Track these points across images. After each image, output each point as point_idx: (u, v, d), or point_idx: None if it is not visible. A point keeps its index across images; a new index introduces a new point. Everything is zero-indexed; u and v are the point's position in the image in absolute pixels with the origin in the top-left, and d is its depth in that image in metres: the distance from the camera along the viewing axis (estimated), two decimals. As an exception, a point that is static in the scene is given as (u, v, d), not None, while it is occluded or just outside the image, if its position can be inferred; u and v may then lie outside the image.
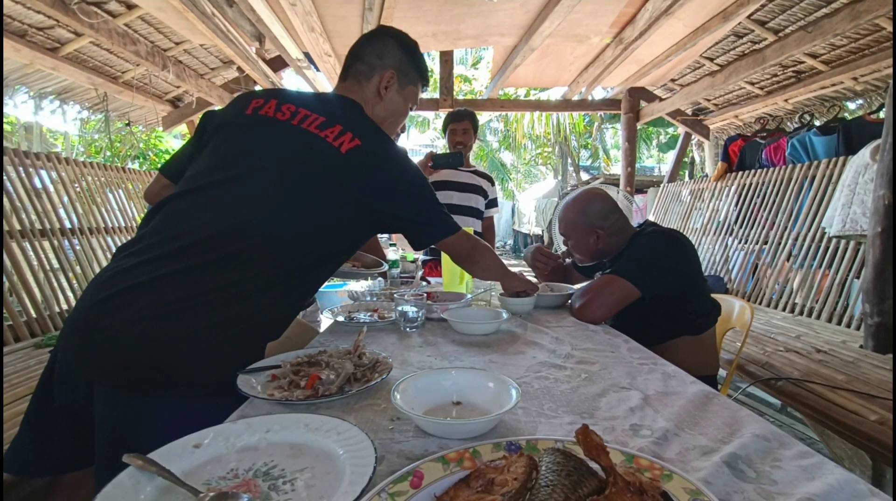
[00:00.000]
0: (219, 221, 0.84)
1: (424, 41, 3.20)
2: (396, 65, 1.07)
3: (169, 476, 0.50)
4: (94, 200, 2.97)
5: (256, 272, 0.85)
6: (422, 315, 1.21)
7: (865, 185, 2.39)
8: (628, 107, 4.51)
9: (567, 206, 1.54)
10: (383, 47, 1.07)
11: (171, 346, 0.77)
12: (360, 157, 0.93)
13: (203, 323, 0.79)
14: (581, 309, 1.32)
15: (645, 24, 2.82)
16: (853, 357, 1.87)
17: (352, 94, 1.05)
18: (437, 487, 0.48)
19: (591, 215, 1.47)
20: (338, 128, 0.94)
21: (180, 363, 0.78)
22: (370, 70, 1.06)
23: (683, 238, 1.39)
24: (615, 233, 1.46)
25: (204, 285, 0.80)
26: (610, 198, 1.52)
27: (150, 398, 0.77)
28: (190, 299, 0.78)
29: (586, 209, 1.48)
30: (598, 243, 1.46)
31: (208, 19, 2.57)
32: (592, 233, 1.46)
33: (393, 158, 0.98)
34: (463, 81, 12.95)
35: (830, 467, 0.53)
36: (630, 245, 1.42)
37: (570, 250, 1.56)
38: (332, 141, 0.93)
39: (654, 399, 0.75)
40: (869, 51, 3.11)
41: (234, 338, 0.83)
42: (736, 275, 3.33)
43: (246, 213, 0.86)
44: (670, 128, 11.97)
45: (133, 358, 0.76)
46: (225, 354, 0.82)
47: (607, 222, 1.46)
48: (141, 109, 4.17)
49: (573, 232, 1.51)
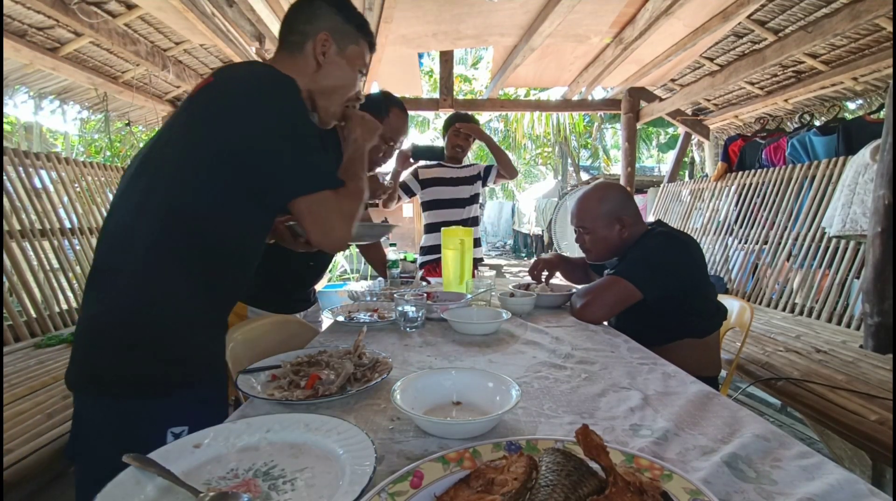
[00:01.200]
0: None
1: (424, 41, 3.20)
2: (330, 26, 0.95)
3: (169, 476, 0.50)
4: (94, 200, 2.97)
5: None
6: (422, 315, 1.21)
7: (865, 185, 2.39)
8: (628, 107, 4.51)
9: (586, 197, 1.47)
10: (312, 11, 0.96)
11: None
12: (207, 93, 0.82)
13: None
14: (582, 309, 1.32)
15: (645, 24, 2.82)
16: (853, 357, 1.87)
17: (283, 69, 0.87)
18: (437, 487, 0.48)
19: (614, 202, 1.41)
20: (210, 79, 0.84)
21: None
22: (302, 38, 0.94)
23: (690, 241, 1.36)
24: (636, 223, 1.42)
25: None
26: (624, 187, 1.48)
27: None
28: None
29: (608, 197, 1.43)
30: (622, 232, 1.40)
31: (208, 19, 2.57)
32: (616, 222, 1.41)
33: (243, 88, 0.81)
34: (463, 80, 12.94)
35: (830, 467, 0.53)
36: (637, 245, 1.39)
37: (587, 246, 1.47)
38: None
39: (654, 399, 0.75)
40: (869, 51, 3.11)
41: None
42: (736, 275, 3.33)
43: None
44: (670, 128, 11.97)
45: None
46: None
47: (630, 210, 1.42)
48: (141, 109, 4.17)
49: (595, 223, 1.42)
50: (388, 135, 1.38)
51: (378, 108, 1.36)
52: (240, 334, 1.10)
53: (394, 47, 3.22)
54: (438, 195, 2.49)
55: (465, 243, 1.63)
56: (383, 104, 1.47)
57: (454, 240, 1.63)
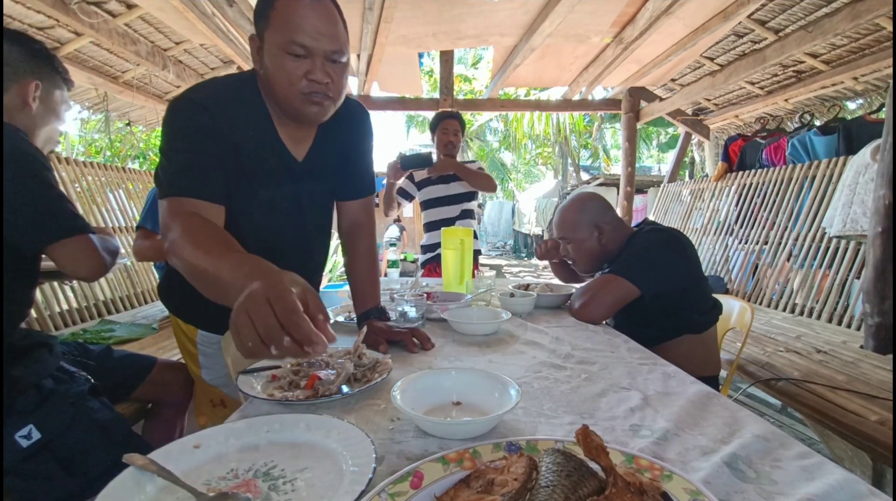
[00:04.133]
0: None
1: (424, 41, 3.20)
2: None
3: (169, 476, 0.50)
4: (94, 200, 2.96)
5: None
6: (422, 315, 1.21)
7: (866, 185, 2.38)
8: (628, 107, 4.51)
9: (565, 208, 1.53)
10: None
11: None
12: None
13: None
14: (580, 309, 1.32)
15: (645, 23, 2.82)
16: (853, 358, 1.87)
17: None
18: (437, 487, 0.48)
19: (591, 211, 1.47)
20: None
21: None
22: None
23: (682, 236, 1.39)
24: (616, 229, 1.46)
25: None
26: (603, 197, 1.54)
27: None
28: None
29: (585, 207, 1.48)
30: (601, 238, 1.45)
31: (208, 19, 2.57)
32: (595, 229, 1.45)
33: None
34: (463, 80, 12.94)
35: (830, 467, 0.53)
36: (629, 244, 1.41)
37: (572, 255, 1.53)
38: None
39: (654, 399, 0.75)
40: (869, 51, 3.11)
41: None
42: (736, 275, 3.33)
43: None
44: (670, 128, 11.97)
45: None
46: None
47: (607, 217, 1.46)
48: (141, 108, 4.17)
49: (575, 232, 1.49)
50: (289, 37, 0.90)
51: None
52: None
53: (394, 47, 3.22)
54: (434, 194, 2.51)
55: (465, 243, 1.63)
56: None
57: (454, 240, 1.63)
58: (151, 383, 1.34)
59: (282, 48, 0.84)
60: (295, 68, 0.85)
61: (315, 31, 0.83)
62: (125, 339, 1.96)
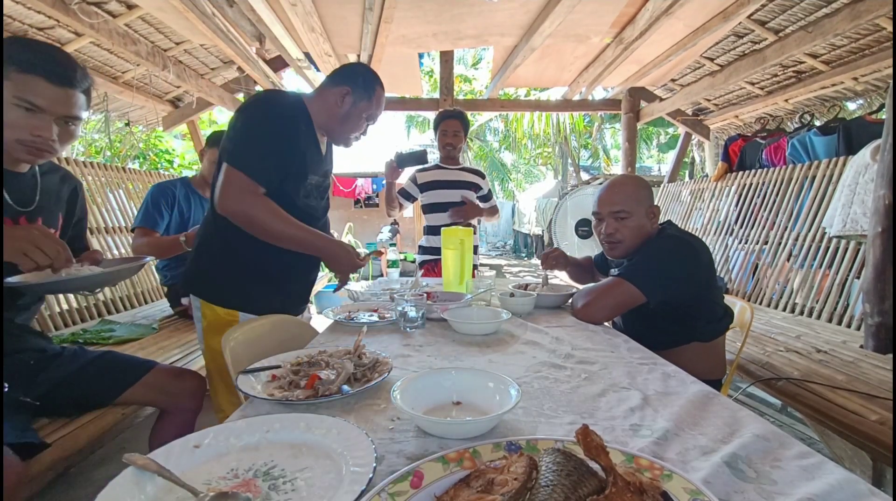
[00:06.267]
0: None
1: (424, 41, 3.20)
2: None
3: (169, 476, 0.50)
4: (95, 200, 2.96)
5: None
6: (422, 315, 1.21)
7: (865, 185, 2.38)
8: (628, 107, 4.51)
9: (621, 182, 1.40)
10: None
11: None
12: None
13: None
14: (583, 309, 1.31)
15: (645, 23, 2.82)
16: (853, 357, 1.86)
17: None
18: (437, 487, 0.48)
19: (648, 190, 1.37)
20: None
21: None
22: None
23: (699, 244, 1.33)
24: (653, 220, 1.39)
25: None
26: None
27: None
28: None
29: (643, 184, 1.39)
30: (653, 222, 1.38)
31: (208, 19, 2.57)
32: (650, 210, 1.37)
33: None
34: (463, 80, 12.94)
35: (830, 467, 0.53)
36: (646, 246, 1.36)
37: (621, 234, 1.37)
38: None
39: (654, 399, 0.75)
40: (869, 51, 3.11)
41: None
42: (736, 275, 3.33)
43: None
44: (670, 128, 11.97)
45: None
46: None
47: (653, 203, 1.40)
48: (141, 109, 4.17)
49: (637, 207, 1.35)
50: (371, 112, 1.36)
51: (366, 81, 1.33)
52: (240, 334, 1.10)
53: (394, 47, 3.22)
54: (436, 199, 2.49)
55: (465, 243, 1.63)
56: (371, 80, 1.38)
57: (454, 240, 1.63)
58: (147, 387, 1.26)
59: (362, 112, 1.34)
60: (359, 126, 1.37)
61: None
62: (125, 339, 1.95)
